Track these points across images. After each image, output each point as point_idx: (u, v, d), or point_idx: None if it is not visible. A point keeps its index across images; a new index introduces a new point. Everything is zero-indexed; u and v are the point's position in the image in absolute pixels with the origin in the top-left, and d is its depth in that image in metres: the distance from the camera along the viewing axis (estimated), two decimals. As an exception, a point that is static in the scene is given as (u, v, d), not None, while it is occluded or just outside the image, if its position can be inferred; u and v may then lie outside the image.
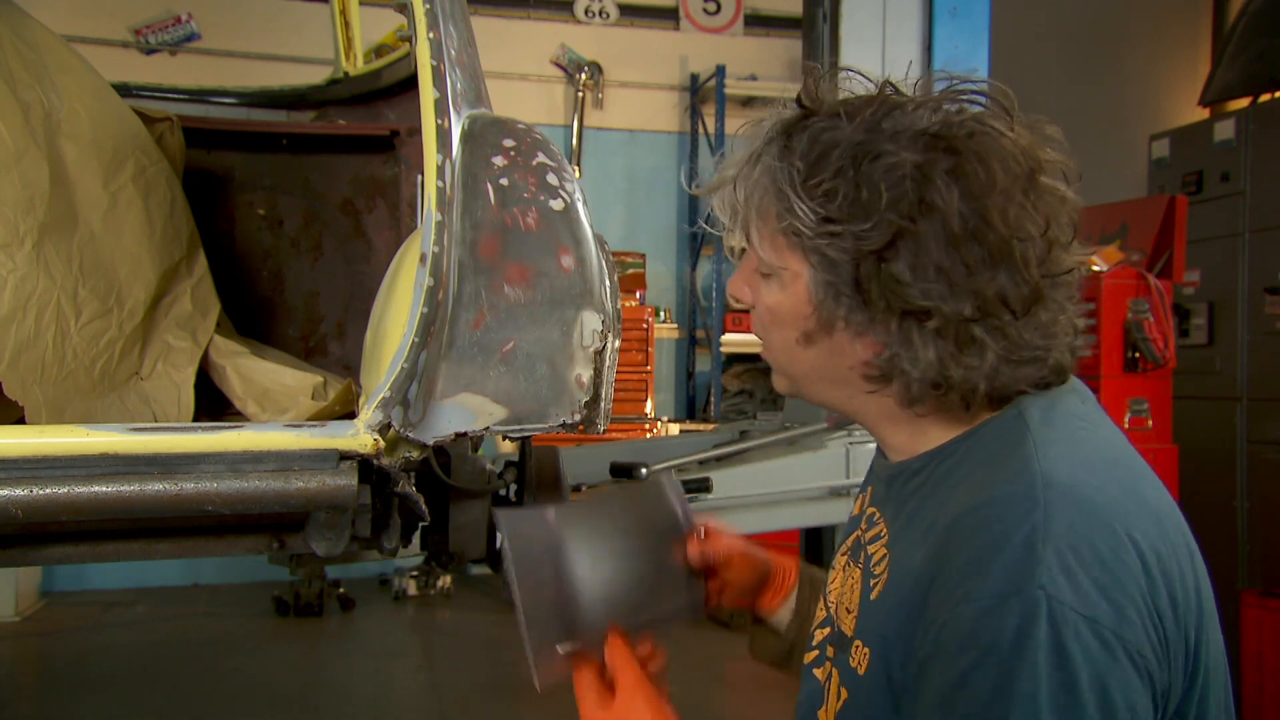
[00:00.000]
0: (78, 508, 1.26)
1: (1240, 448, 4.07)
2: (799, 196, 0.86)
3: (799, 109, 0.91)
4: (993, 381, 0.86)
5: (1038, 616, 0.75)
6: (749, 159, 0.91)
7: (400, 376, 1.34)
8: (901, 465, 0.96)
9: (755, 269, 0.96)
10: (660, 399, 5.82)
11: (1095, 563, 0.77)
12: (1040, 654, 0.74)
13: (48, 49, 1.76)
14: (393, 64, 2.57)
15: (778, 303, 0.93)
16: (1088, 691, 0.74)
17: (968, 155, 0.84)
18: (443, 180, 1.41)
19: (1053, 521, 0.78)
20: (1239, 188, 4.17)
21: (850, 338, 0.90)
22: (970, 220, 0.82)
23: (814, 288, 0.89)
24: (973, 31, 2.97)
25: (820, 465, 2.61)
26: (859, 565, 0.99)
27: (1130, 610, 0.77)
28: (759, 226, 0.92)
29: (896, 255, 0.83)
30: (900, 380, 0.88)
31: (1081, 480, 0.82)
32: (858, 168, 0.84)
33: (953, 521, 0.83)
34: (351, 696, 3.83)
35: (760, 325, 0.99)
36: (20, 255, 1.54)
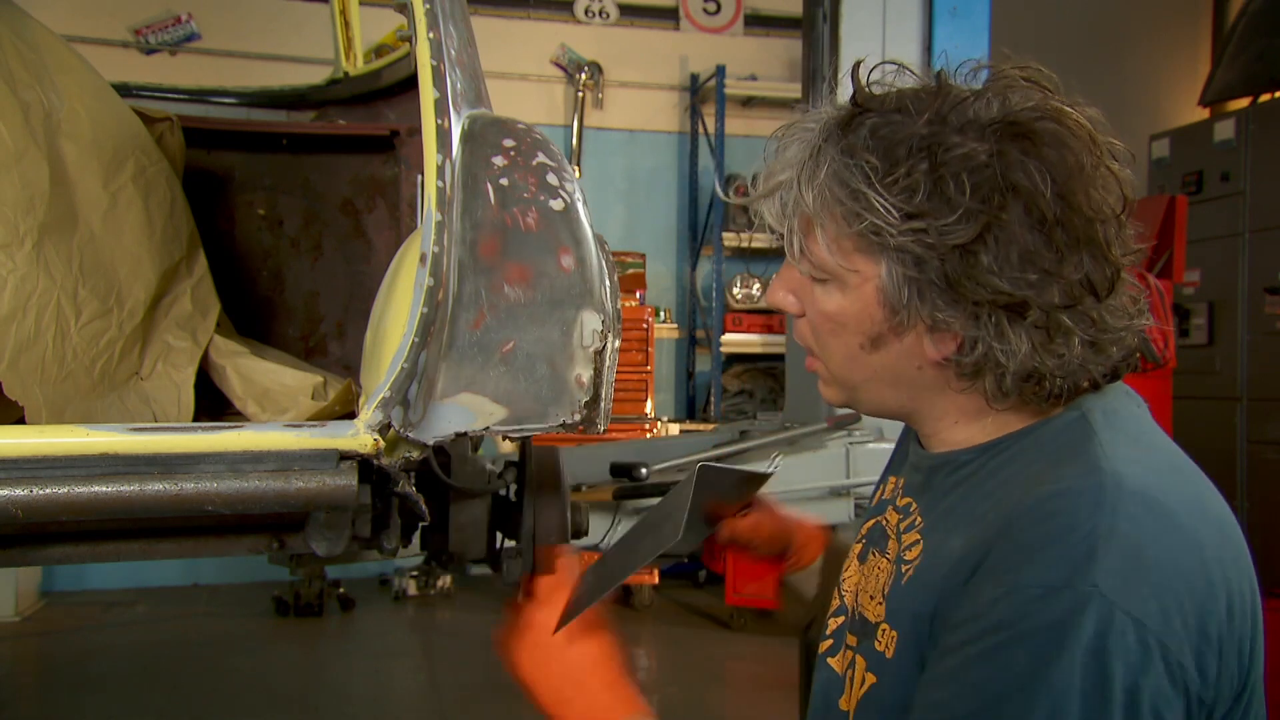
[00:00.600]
0: (78, 508, 1.26)
1: (1240, 448, 4.08)
2: (878, 193, 0.83)
3: (852, 106, 0.88)
4: (1078, 369, 0.85)
5: (1085, 612, 0.74)
6: (808, 160, 0.87)
7: (400, 376, 1.34)
8: (948, 456, 0.94)
9: (806, 276, 0.93)
10: (660, 399, 5.82)
11: (1155, 566, 0.76)
12: (1079, 648, 0.73)
13: (48, 49, 1.76)
14: (393, 64, 2.57)
15: (840, 308, 0.90)
16: (1119, 693, 0.73)
17: (1043, 139, 0.83)
18: (443, 180, 1.41)
19: (1119, 521, 0.77)
20: (1239, 188, 4.17)
21: (924, 336, 0.87)
22: (1055, 205, 0.81)
23: (891, 288, 0.85)
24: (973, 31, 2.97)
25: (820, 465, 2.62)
26: (884, 554, 0.99)
27: (1180, 619, 0.75)
28: (824, 229, 0.88)
29: (984, 246, 0.81)
30: (993, 374, 0.86)
31: (1151, 483, 0.81)
32: (933, 160, 0.82)
33: (1013, 510, 0.82)
34: (351, 696, 3.83)
35: (814, 334, 0.95)
36: (20, 255, 1.54)
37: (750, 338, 5.64)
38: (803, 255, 0.91)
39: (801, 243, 0.91)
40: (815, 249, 0.90)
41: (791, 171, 0.89)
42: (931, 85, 0.87)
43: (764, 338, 5.62)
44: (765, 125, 5.92)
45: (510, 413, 1.39)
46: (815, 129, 0.89)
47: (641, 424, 5.10)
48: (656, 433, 5.09)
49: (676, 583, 5.54)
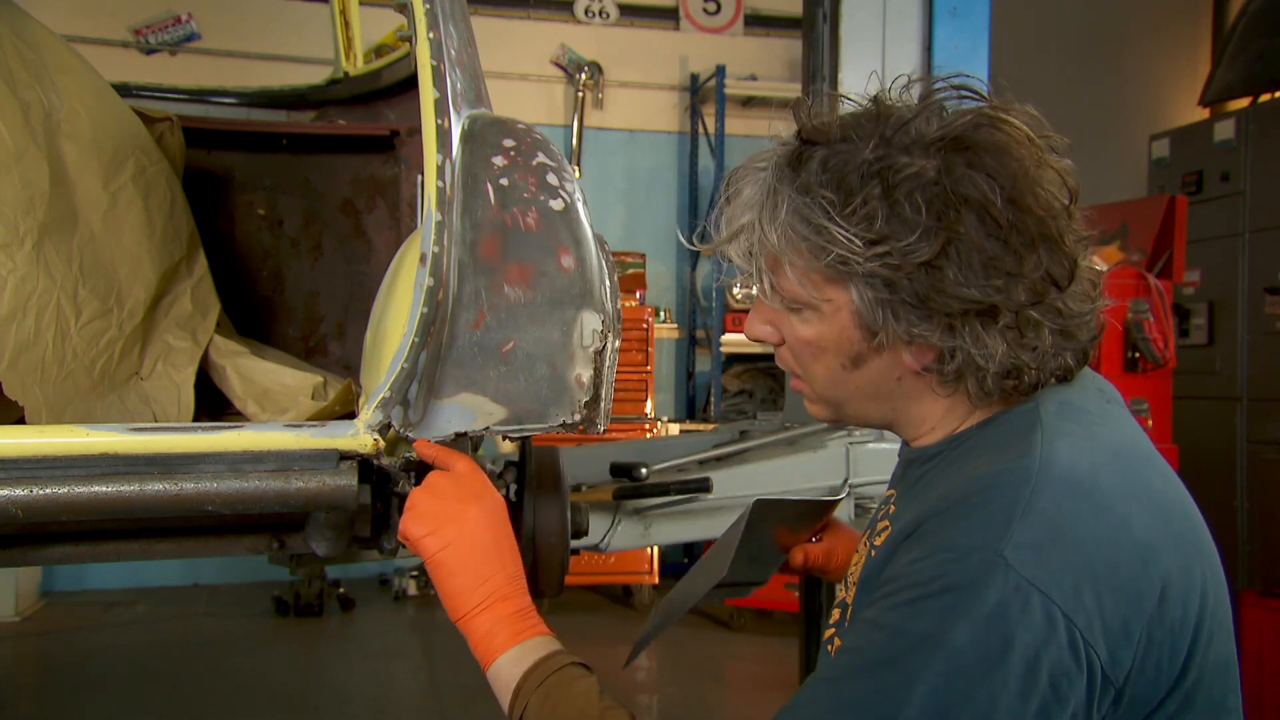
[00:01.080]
0: (78, 508, 1.26)
1: (1240, 448, 4.08)
2: (839, 226, 0.85)
3: (798, 141, 0.91)
4: (1052, 357, 0.89)
5: (990, 576, 0.77)
6: (767, 200, 0.90)
7: (400, 376, 1.34)
8: (921, 449, 0.99)
9: (780, 306, 0.95)
10: (660, 399, 5.82)
11: (1072, 545, 0.79)
12: (982, 612, 0.76)
13: (48, 49, 1.76)
14: (393, 64, 2.57)
15: (819, 334, 0.93)
16: (1018, 660, 0.76)
17: (985, 149, 0.86)
18: (443, 180, 1.41)
19: (1040, 499, 0.80)
20: (1239, 188, 4.17)
21: (903, 350, 0.91)
22: (1007, 210, 0.84)
23: (865, 311, 0.89)
24: (973, 31, 2.97)
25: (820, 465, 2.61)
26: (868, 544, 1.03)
27: (1093, 597, 0.78)
28: (793, 266, 0.91)
29: (948, 260, 0.84)
30: (974, 377, 0.89)
31: (1083, 467, 0.84)
32: (886, 184, 0.85)
33: (951, 490, 0.86)
34: (351, 696, 3.83)
35: (795, 359, 0.98)
36: (20, 255, 1.54)
37: (750, 338, 5.64)
38: (774, 292, 0.94)
39: (771, 280, 0.94)
40: (786, 284, 0.93)
41: (752, 214, 0.92)
42: (871, 109, 0.90)
43: (764, 338, 5.62)
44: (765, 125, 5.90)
45: (510, 413, 1.39)
46: (767, 168, 0.92)
47: (641, 424, 5.10)
48: (656, 433, 5.09)
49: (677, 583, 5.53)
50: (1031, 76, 5.84)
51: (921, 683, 0.76)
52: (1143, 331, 3.50)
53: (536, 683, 0.97)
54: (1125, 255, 3.72)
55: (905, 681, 0.77)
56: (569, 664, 0.98)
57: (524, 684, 0.98)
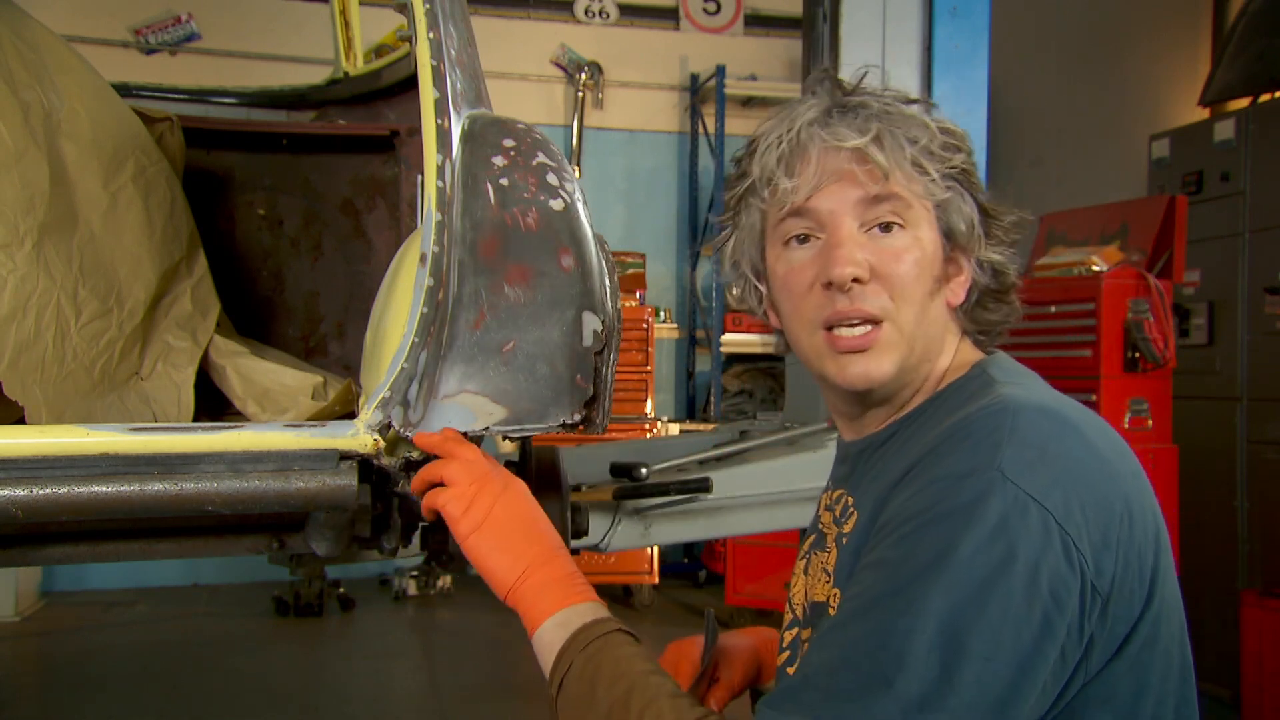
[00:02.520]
0: (78, 508, 1.26)
1: (1240, 448, 4.07)
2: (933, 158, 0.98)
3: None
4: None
5: (991, 492, 0.80)
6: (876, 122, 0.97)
7: (400, 376, 1.34)
8: (870, 438, 1.02)
9: (863, 232, 0.97)
10: (660, 399, 5.82)
11: (1056, 459, 0.83)
12: (987, 524, 0.79)
13: (48, 49, 1.76)
14: (393, 64, 2.57)
15: (920, 251, 0.98)
16: (1021, 568, 0.79)
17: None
18: (443, 180, 1.41)
19: (1020, 422, 0.85)
20: (1239, 188, 4.17)
21: (953, 280, 1.01)
22: None
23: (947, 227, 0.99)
24: (973, 31, 2.97)
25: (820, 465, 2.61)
26: (825, 549, 1.04)
27: (1079, 510, 0.82)
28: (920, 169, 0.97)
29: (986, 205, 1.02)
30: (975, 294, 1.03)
31: (1049, 401, 0.90)
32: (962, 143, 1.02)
33: (928, 445, 0.90)
34: (351, 696, 3.83)
35: (892, 289, 0.97)
36: (20, 255, 1.54)
37: (750, 338, 5.64)
38: (879, 200, 0.96)
39: (899, 180, 0.97)
40: (905, 189, 0.97)
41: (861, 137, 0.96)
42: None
43: (764, 338, 5.61)
44: (765, 125, 5.91)
45: (510, 413, 1.39)
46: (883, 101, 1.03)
47: (641, 424, 5.10)
48: (656, 433, 5.09)
49: (676, 582, 5.54)
50: (1031, 76, 5.85)
51: (931, 602, 0.78)
52: (1143, 331, 3.50)
53: (580, 646, 0.95)
54: (1125, 255, 3.72)
55: (914, 605, 0.79)
56: (615, 630, 0.97)
57: (567, 648, 0.96)
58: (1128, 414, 3.52)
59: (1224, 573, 3.94)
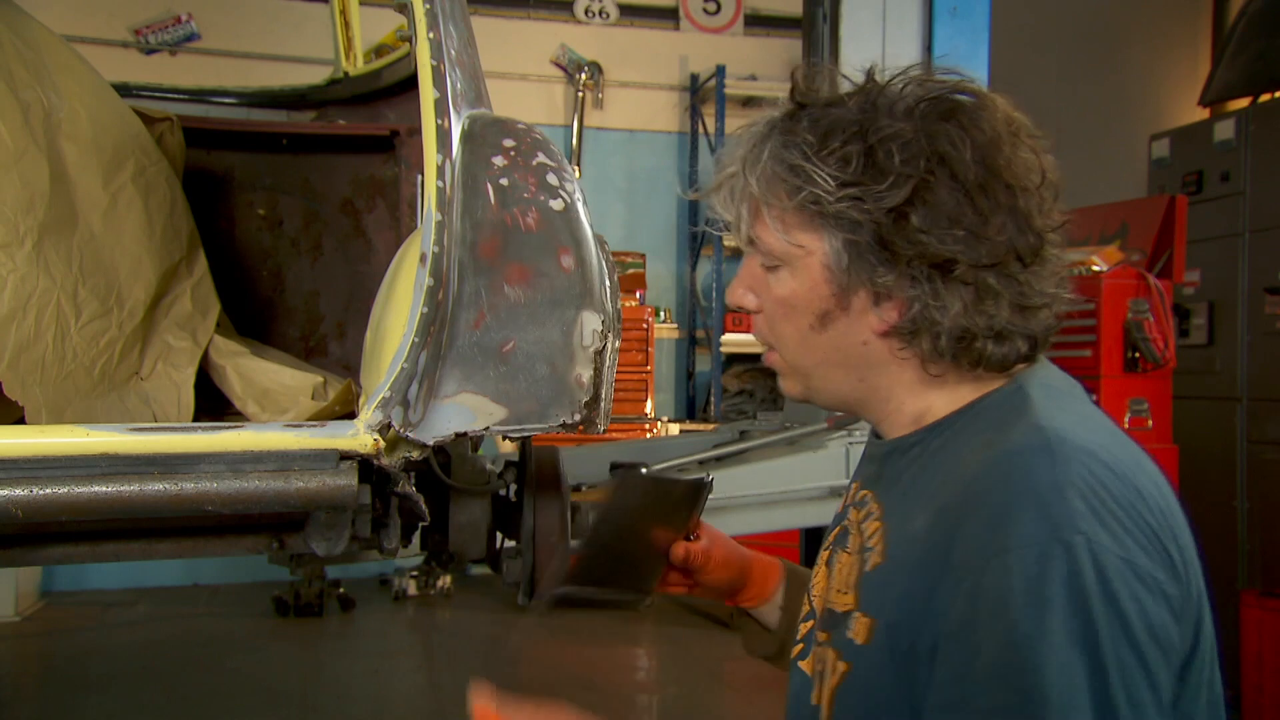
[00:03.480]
0: (78, 508, 1.27)
1: (1240, 448, 4.07)
2: (815, 165, 0.89)
3: (793, 104, 0.95)
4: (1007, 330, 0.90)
5: (1083, 562, 0.76)
6: (751, 151, 0.94)
7: (400, 376, 1.34)
8: (896, 441, 0.98)
9: (759, 268, 0.98)
10: (660, 399, 5.81)
11: (1119, 510, 0.80)
12: (1094, 600, 0.76)
13: (48, 49, 1.76)
14: (393, 64, 2.57)
15: (791, 291, 0.96)
16: (1141, 631, 0.76)
17: (963, 111, 0.90)
18: (443, 180, 1.41)
19: (1073, 471, 0.80)
20: (1239, 188, 4.17)
21: (869, 307, 0.93)
22: (978, 170, 0.88)
23: (833, 257, 0.92)
24: (973, 31, 2.97)
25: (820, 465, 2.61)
26: (847, 549, 1.01)
27: (1156, 554, 0.80)
28: (769, 208, 0.93)
29: (914, 209, 0.88)
30: (929, 334, 0.91)
31: (1089, 439, 0.85)
32: (865, 139, 0.89)
33: (967, 481, 0.85)
34: (351, 696, 3.83)
35: (769, 324, 1.00)
36: (20, 255, 1.54)
37: (750, 338, 5.60)
38: (752, 243, 0.97)
39: (750, 229, 0.97)
40: (763, 232, 0.95)
41: (738, 164, 0.96)
42: (862, 83, 0.95)
43: (764, 338, 5.62)
44: (765, 125, 5.92)
45: (510, 413, 1.39)
46: (760, 127, 0.96)
47: (641, 424, 5.10)
48: (656, 433, 5.09)
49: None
50: (1031, 76, 5.84)
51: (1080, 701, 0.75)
52: (1143, 331, 3.50)
53: None
54: (1125, 255, 3.72)
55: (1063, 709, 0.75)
56: None
57: None
58: (1128, 414, 3.52)
59: (1224, 573, 3.93)
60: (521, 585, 1.98)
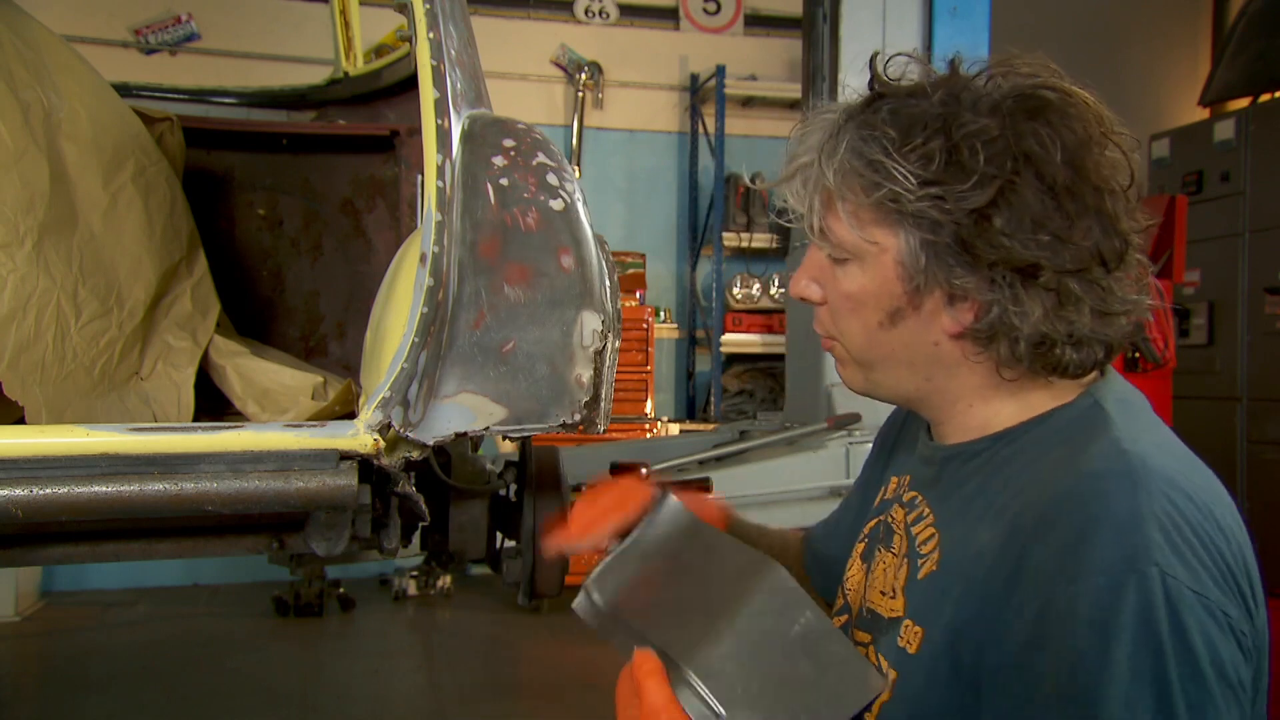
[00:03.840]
0: (78, 508, 1.26)
1: (1240, 448, 4.08)
2: (896, 162, 0.85)
3: (871, 93, 0.92)
4: (1087, 337, 0.87)
5: (1155, 594, 0.75)
6: (828, 141, 0.90)
7: (400, 376, 1.34)
8: (960, 447, 0.95)
9: (825, 259, 0.95)
10: (660, 399, 5.81)
11: (1196, 543, 0.78)
12: (1163, 632, 0.74)
13: (48, 49, 1.76)
14: (393, 64, 2.57)
15: (860, 287, 0.92)
16: (1209, 667, 0.75)
17: (1052, 110, 0.86)
18: (443, 180, 1.41)
19: (1154, 501, 0.78)
20: (1239, 188, 4.17)
21: (942, 307, 0.89)
22: (1065, 171, 0.84)
23: (910, 256, 0.88)
24: (973, 31, 2.97)
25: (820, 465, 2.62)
26: (891, 550, 0.99)
27: (1229, 590, 0.78)
28: (844, 201, 0.90)
29: (998, 211, 0.84)
30: (1006, 339, 0.87)
31: (1171, 466, 0.83)
32: (949, 134, 0.85)
33: (1042, 501, 0.82)
34: (351, 696, 3.83)
35: (833, 317, 0.97)
36: (20, 255, 1.54)
37: (750, 338, 5.63)
38: (823, 234, 0.93)
39: (822, 220, 0.93)
40: (835, 225, 0.92)
41: (812, 154, 0.92)
42: (944, 73, 0.91)
43: (764, 338, 5.61)
44: (765, 125, 5.92)
45: (510, 413, 1.39)
46: (836, 115, 0.92)
47: (641, 424, 5.10)
48: (656, 433, 5.09)
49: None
50: (1031, 76, 5.83)
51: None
52: (1143, 331, 3.50)
53: None
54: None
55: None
56: None
57: None
58: (1128, 414, 3.52)
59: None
60: (521, 585, 1.98)
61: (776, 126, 5.87)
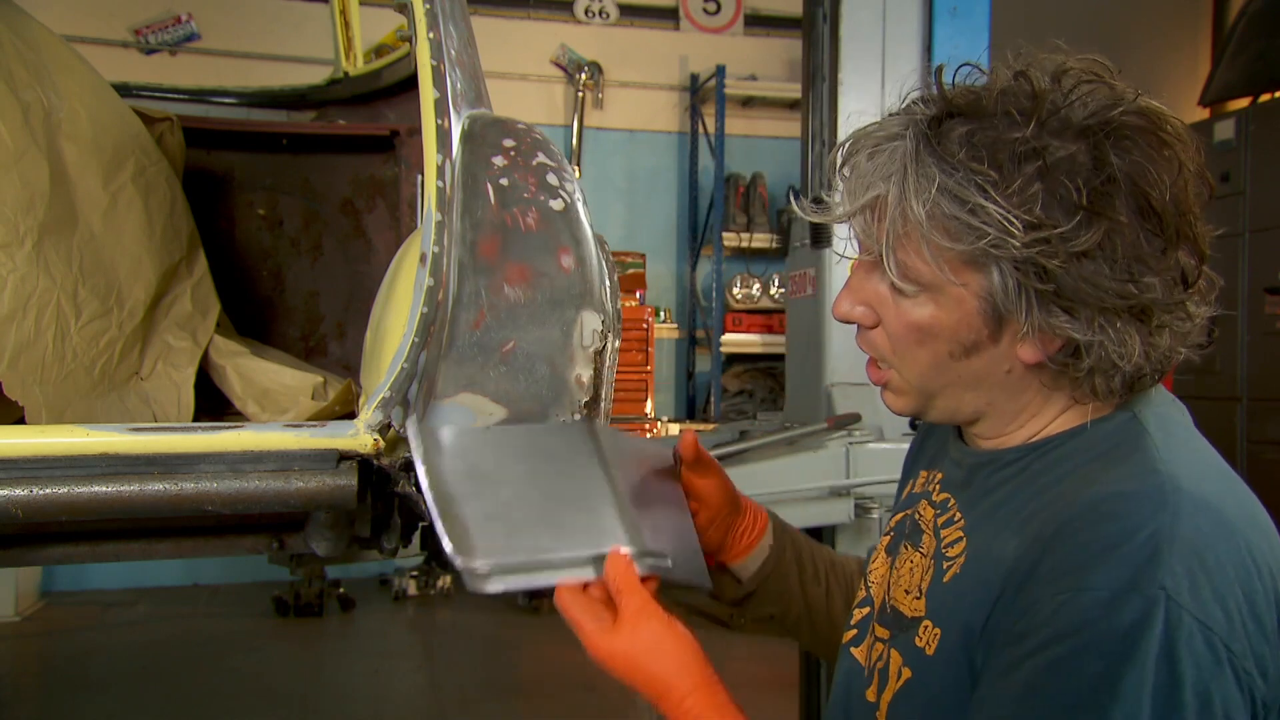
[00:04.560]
0: (78, 508, 1.26)
1: (1240, 448, 4.08)
2: (1000, 206, 0.80)
3: (939, 107, 0.86)
4: (1166, 357, 0.85)
5: (1155, 615, 0.74)
6: (909, 170, 0.84)
7: (400, 376, 1.34)
8: (993, 454, 0.93)
9: (881, 285, 0.90)
10: (660, 399, 5.82)
11: (1216, 570, 0.76)
12: (1151, 653, 0.73)
13: (48, 49, 1.76)
14: (393, 64, 2.57)
15: (933, 319, 0.87)
16: (1190, 697, 0.73)
17: (1138, 137, 0.82)
18: (443, 180, 1.41)
19: (1180, 524, 0.77)
20: (1239, 188, 4.17)
21: (1026, 340, 0.85)
22: (1169, 209, 0.81)
23: (1002, 298, 0.83)
24: (973, 31, 2.97)
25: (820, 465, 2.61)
26: (919, 549, 0.98)
27: (1242, 622, 0.76)
28: (930, 243, 0.84)
29: (1102, 253, 0.80)
30: (1103, 375, 0.84)
31: (1206, 489, 0.81)
32: (1042, 166, 0.80)
33: (1066, 512, 0.81)
34: (351, 696, 3.83)
35: (893, 344, 0.92)
36: (20, 255, 1.54)
37: (750, 338, 5.64)
38: (900, 271, 0.87)
39: (897, 256, 0.87)
40: (915, 264, 0.86)
41: (886, 185, 0.85)
42: (1013, 84, 0.85)
43: (764, 338, 5.62)
44: (765, 125, 5.92)
45: (510, 413, 1.39)
46: (901, 135, 0.86)
47: (641, 424, 5.10)
48: (656, 433, 5.09)
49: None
50: (1031, 76, 5.83)
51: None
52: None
53: None
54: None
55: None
56: None
57: None
58: (1128, 414, 3.52)
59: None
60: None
61: (776, 126, 5.87)
